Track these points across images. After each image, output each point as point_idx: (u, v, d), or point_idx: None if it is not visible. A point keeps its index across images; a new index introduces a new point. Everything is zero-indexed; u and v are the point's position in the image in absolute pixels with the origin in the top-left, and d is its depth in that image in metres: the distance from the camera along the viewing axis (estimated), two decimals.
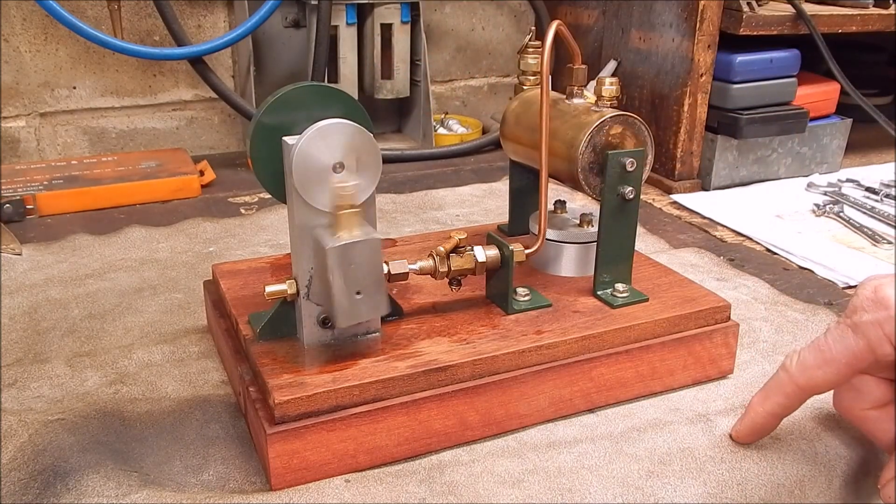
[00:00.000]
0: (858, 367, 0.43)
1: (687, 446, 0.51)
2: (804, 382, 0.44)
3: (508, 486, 0.47)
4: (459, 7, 1.34)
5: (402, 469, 0.49)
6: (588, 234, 0.61)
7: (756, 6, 0.99)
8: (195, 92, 1.19)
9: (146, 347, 0.62)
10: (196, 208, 0.94)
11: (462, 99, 1.40)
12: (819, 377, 0.44)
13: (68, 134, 1.14)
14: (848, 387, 0.46)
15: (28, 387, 0.57)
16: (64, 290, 0.72)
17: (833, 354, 0.43)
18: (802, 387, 0.45)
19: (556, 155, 0.58)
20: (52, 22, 1.06)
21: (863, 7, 1.07)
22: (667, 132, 1.05)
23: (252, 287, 0.59)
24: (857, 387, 0.45)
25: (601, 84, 0.57)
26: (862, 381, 0.45)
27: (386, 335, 0.53)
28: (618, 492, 0.47)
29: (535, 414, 0.53)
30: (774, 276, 0.78)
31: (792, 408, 0.47)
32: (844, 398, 0.46)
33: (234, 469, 0.49)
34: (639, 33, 1.09)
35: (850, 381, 0.45)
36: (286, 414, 0.46)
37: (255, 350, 0.51)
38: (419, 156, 1.16)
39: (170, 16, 1.03)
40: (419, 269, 0.52)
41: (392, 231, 0.88)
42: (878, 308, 0.41)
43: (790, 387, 0.45)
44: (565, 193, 0.96)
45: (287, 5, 1.13)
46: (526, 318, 0.55)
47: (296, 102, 0.49)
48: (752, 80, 1.01)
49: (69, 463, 0.47)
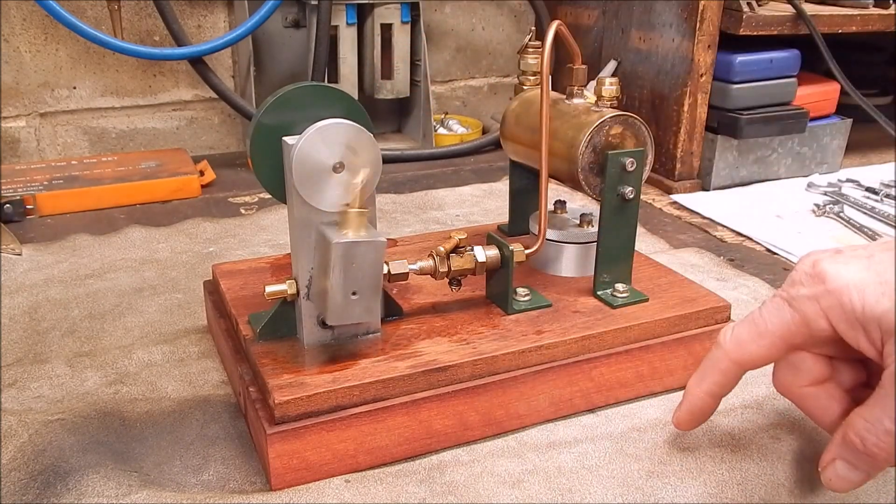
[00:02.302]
0: (794, 341, 0.41)
1: (687, 446, 0.51)
2: (738, 357, 0.43)
3: (508, 487, 0.47)
4: (459, 7, 1.34)
5: (402, 469, 0.49)
6: (588, 234, 0.61)
7: (756, 6, 0.99)
8: (195, 92, 1.19)
9: (146, 347, 0.62)
10: (196, 208, 0.94)
11: (462, 99, 1.40)
12: (753, 351, 0.42)
13: (68, 134, 1.14)
14: (786, 364, 0.44)
15: (28, 387, 0.57)
16: (64, 290, 0.72)
17: (768, 328, 0.41)
18: (737, 361, 0.43)
19: (556, 155, 0.58)
20: (52, 22, 1.06)
21: (863, 7, 1.07)
22: (667, 132, 1.05)
23: (252, 287, 0.59)
24: (794, 364, 0.43)
25: (601, 84, 0.57)
26: (799, 358, 0.43)
27: (386, 335, 0.53)
28: (618, 492, 0.47)
29: (535, 414, 0.53)
30: (774, 277, 0.78)
31: (729, 386, 0.45)
32: (782, 375, 0.45)
33: (234, 469, 0.49)
34: (639, 33, 1.09)
35: (787, 357, 0.43)
36: (286, 414, 0.46)
37: (255, 350, 0.51)
38: (419, 156, 1.16)
39: (170, 16, 1.03)
40: (419, 270, 0.52)
41: (392, 231, 0.88)
42: (815, 283, 0.39)
43: (725, 363, 0.44)
44: (565, 193, 0.96)
45: (287, 5, 1.13)
46: (526, 318, 0.55)
47: (296, 102, 0.49)
48: (752, 80, 1.01)
49: (69, 463, 0.47)
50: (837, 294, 0.38)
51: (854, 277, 0.38)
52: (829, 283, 0.38)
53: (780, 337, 0.41)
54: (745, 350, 0.42)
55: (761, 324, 0.42)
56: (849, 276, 0.38)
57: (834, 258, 0.39)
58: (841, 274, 0.38)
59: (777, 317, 0.41)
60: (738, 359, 0.43)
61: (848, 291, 0.38)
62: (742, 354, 0.43)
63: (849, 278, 0.38)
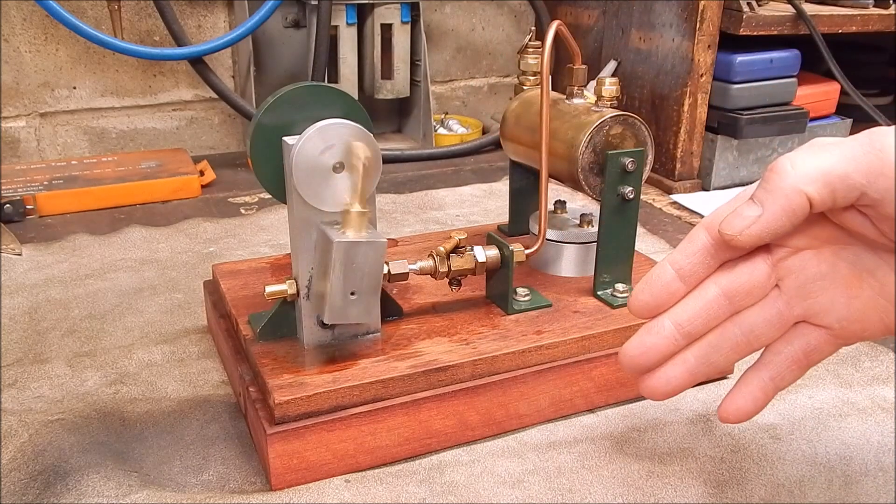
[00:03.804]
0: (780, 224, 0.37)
1: (687, 446, 0.51)
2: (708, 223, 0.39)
3: (508, 487, 0.47)
4: (459, 7, 1.34)
5: (402, 469, 0.49)
6: (588, 235, 0.61)
7: (756, 6, 0.99)
8: (195, 92, 1.19)
9: (146, 347, 0.62)
10: (196, 208, 0.94)
11: (462, 99, 1.40)
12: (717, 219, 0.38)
13: (68, 134, 1.14)
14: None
15: (28, 387, 0.57)
16: (64, 290, 0.72)
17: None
18: (706, 227, 0.39)
19: (556, 155, 0.58)
20: (52, 22, 1.06)
21: (863, 7, 1.07)
22: (667, 132, 1.05)
23: (252, 287, 0.59)
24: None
25: (601, 84, 0.57)
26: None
27: (386, 335, 0.53)
28: (618, 492, 0.47)
29: (535, 414, 0.53)
30: None
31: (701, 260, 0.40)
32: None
33: (234, 469, 0.49)
34: (639, 33, 1.09)
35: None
36: (286, 414, 0.46)
37: (255, 350, 0.51)
38: (419, 156, 1.16)
39: (170, 16, 1.03)
40: (419, 270, 0.52)
41: (392, 231, 0.88)
42: (770, 173, 0.37)
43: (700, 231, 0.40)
44: (565, 193, 0.96)
45: (287, 5, 1.13)
46: (526, 318, 0.55)
47: (296, 102, 0.49)
48: (752, 80, 1.01)
49: (69, 463, 0.47)
50: (778, 166, 0.36)
51: (790, 154, 0.37)
52: (782, 170, 0.37)
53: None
54: (717, 217, 0.39)
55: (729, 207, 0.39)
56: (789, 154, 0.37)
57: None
58: (785, 157, 0.37)
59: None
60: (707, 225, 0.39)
61: (783, 159, 0.37)
62: (713, 220, 0.39)
63: (788, 154, 0.37)
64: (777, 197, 0.36)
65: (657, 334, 0.40)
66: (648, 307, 0.41)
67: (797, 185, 0.36)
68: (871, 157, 0.35)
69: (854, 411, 0.55)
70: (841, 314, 0.39)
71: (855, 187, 0.35)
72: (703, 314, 0.40)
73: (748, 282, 0.40)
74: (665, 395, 0.41)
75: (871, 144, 0.35)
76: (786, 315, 0.40)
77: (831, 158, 0.35)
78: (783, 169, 0.36)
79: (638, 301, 0.41)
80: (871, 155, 0.35)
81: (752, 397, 0.41)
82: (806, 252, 0.39)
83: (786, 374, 0.41)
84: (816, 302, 0.39)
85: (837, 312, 0.39)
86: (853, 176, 0.35)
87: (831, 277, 0.39)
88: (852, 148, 0.35)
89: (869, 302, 0.38)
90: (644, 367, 0.41)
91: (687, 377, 0.40)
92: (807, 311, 0.40)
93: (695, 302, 0.40)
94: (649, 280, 0.41)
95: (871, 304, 0.38)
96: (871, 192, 0.35)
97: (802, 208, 0.36)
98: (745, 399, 0.41)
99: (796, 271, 0.39)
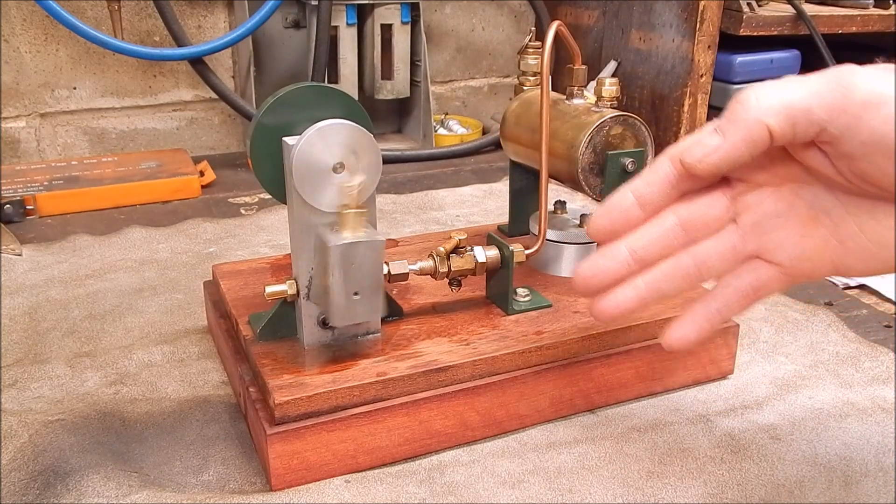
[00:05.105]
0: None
1: (687, 446, 0.51)
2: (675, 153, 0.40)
3: (508, 487, 0.47)
4: (459, 7, 1.34)
5: (403, 469, 0.49)
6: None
7: (756, 6, 0.99)
8: (195, 92, 1.19)
9: (146, 348, 0.62)
10: (196, 209, 0.94)
11: (462, 99, 1.40)
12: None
13: (68, 134, 1.14)
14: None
15: (28, 387, 0.57)
16: (64, 290, 0.72)
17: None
18: (672, 157, 0.40)
19: (556, 155, 0.58)
20: (52, 22, 1.06)
21: (863, 7, 1.07)
22: (667, 132, 1.05)
23: (252, 287, 0.59)
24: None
25: (601, 84, 0.57)
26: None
27: (386, 335, 0.53)
28: (618, 492, 0.47)
29: (535, 414, 0.53)
30: None
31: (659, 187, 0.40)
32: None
33: (235, 469, 0.49)
34: (639, 34, 1.09)
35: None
36: (286, 414, 0.46)
37: (255, 350, 0.51)
38: (419, 156, 1.16)
39: (170, 16, 1.03)
40: (419, 270, 0.52)
41: (392, 231, 0.88)
42: (735, 104, 0.37)
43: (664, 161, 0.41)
44: (565, 194, 0.96)
45: (287, 5, 1.13)
46: (526, 318, 0.55)
47: (296, 102, 0.49)
48: (752, 80, 1.01)
49: (69, 463, 0.47)
50: (742, 97, 0.36)
51: (756, 86, 0.37)
52: (740, 97, 0.37)
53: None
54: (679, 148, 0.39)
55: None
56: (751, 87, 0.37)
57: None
58: (751, 89, 0.37)
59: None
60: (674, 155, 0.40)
61: (748, 91, 0.37)
62: (677, 151, 0.40)
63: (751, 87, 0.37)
64: (739, 127, 0.36)
65: (611, 258, 0.41)
66: (606, 231, 0.41)
67: (759, 116, 0.36)
68: (836, 93, 0.35)
69: (854, 412, 0.55)
70: (793, 252, 0.39)
71: (815, 122, 0.35)
72: (658, 242, 0.41)
73: (706, 214, 0.40)
74: (612, 318, 0.42)
75: (837, 81, 0.35)
76: (739, 249, 0.40)
77: (796, 92, 0.35)
78: (747, 100, 0.36)
79: (596, 225, 0.41)
80: (836, 91, 0.35)
81: (698, 326, 0.41)
82: (765, 189, 0.39)
83: (733, 306, 0.41)
84: (770, 239, 0.40)
85: (790, 250, 0.39)
86: (815, 111, 0.35)
87: (787, 215, 0.39)
88: (818, 83, 0.35)
89: (821, 242, 0.39)
90: (596, 288, 0.41)
91: (636, 302, 0.41)
92: (760, 248, 0.40)
93: (651, 230, 0.41)
94: (609, 206, 0.41)
95: (823, 244, 0.39)
96: (830, 129, 0.35)
97: (763, 139, 0.36)
98: (690, 327, 0.41)
99: (754, 207, 0.40)
